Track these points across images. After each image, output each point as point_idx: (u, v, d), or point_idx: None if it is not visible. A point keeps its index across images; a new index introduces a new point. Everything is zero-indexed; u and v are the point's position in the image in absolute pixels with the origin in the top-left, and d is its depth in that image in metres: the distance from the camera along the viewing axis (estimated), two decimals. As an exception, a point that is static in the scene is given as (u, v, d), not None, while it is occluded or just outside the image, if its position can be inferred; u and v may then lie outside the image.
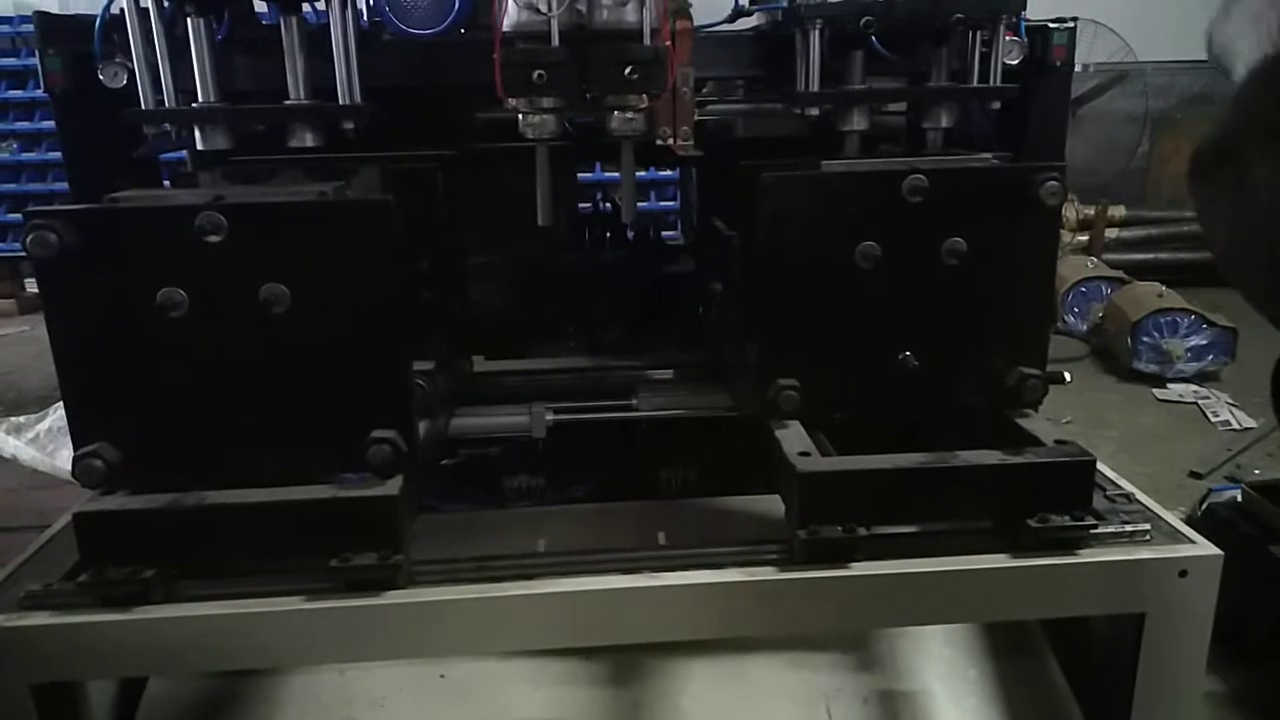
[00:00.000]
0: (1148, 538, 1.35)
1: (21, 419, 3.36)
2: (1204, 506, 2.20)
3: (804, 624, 1.40)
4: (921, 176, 1.32)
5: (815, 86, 1.46)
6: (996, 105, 1.54)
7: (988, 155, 1.44)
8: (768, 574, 1.29)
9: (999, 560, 1.31)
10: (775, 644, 1.63)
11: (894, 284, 1.37)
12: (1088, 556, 1.32)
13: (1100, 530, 1.36)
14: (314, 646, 1.27)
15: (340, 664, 1.58)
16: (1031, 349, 1.42)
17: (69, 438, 1.25)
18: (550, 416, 1.70)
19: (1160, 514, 1.42)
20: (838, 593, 1.30)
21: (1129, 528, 1.36)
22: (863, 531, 1.29)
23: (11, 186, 5.25)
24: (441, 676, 1.60)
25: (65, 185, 1.62)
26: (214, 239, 1.19)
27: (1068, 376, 1.72)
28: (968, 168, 1.40)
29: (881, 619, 1.47)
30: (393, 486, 1.27)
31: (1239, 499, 2.18)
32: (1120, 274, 4.61)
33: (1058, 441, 1.35)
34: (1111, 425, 3.36)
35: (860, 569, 1.29)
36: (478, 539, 1.46)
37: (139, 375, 1.24)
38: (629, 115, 1.41)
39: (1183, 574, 1.31)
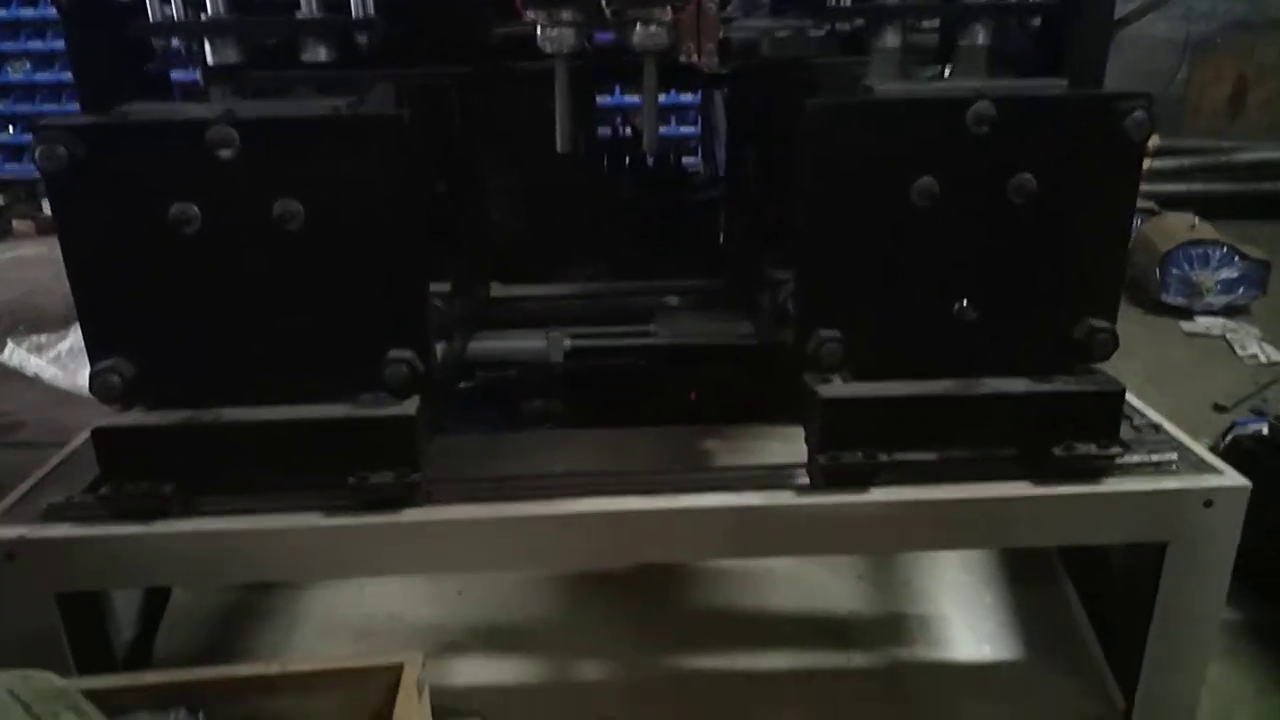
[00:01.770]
0: (1174, 468, 1.33)
1: (43, 338, 3.39)
2: (1228, 439, 2.17)
3: (822, 548, 1.39)
4: (989, 103, 1.20)
5: (847, 0, 1.39)
6: (1036, 22, 1.47)
7: (1060, 81, 1.31)
8: (786, 498, 1.29)
9: (1021, 488, 1.29)
10: (790, 567, 1.64)
11: (952, 225, 1.24)
12: (1113, 486, 1.30)
13: (1126, 460, 1.34)
14: (332, 562, 1.28)
15: (359, 579, 1.60)
16: (1102, 299, 1.29)
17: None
18: (568, 342, 1.68)
19: (1188, 444, 1.39)
20: (856, 518, 1.29)
21: (1155, 457, 1.34)
22: (884, 457, 1.27)
23: (26, 108, 5.21)
24: (459, 593, 1.62)
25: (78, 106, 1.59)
26: (225, 153, 1.17)
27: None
28: (1041, 95, 1.27)
29: (901, 544, 1.47)
30: (410, 406, 1.27)
31: (1265, 432, 2.15)
32: (1151, 205, 4.50)
33: (1087, 370, 1.32)
34: (1136, 357, 3.31)
35: (880, 494, 1.28)
36: (495, 461, 1.46)
37: (153, 291, 1.23)
38: (651, 28, 1.36)
39: (1208, 504, 1.29)
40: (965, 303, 1.28)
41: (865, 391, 1.29)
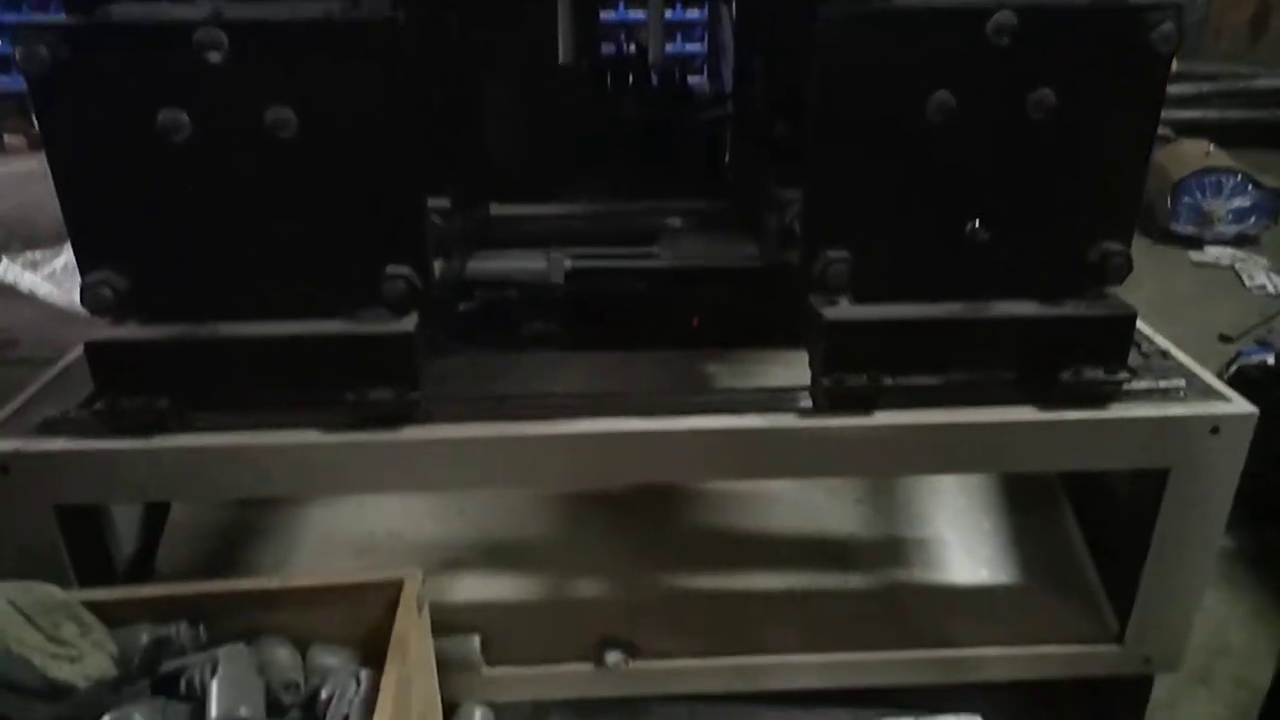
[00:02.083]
0: (1181, 394, 1.32)
1: (37, 255, 3.36)
2: (1233, 369, 2.16)
3: (823, 471, 1.39)
4: (1011, 13, 1.14)
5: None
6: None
7: None
8: (788, 421, 1.27)
9: (1027, 413, 1.28)
10: (788, 491, 1.64)
11: (968, 142, 1.20)
12: (1119, 412, 1.29)
13: (1133, 386, 1.33)
14: (330, 479, 1.27)
15: (359, 497, 1.61)
16: (1118, 221, 1.26)
17: (84, 274, 1.22)
18: (568, 263, 1.65)
19: (1196, 371, 1.38)
20: (859, 441, 1.28)
21: (1163, 384, 1.33)
22: (888, 381, 1.26)
23: (13, 16, 5.08)
24: (460, 512, 1.62)
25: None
26: (213, 56, 1.12)
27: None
28: (1066, 4, 1.20)
29: (904, 468, 1.46)
30: (408, 323, 1.24)
31: (1270, 361, 2.14)
32: (1166, 131, 4.41)
33: (1098, 294, 1.29)
34: (1141, 287, 3.26)
35: (884, 418, 1.27)
36: (494, 381, 1.45)
37: (142, 201, 1.19)
38: (658, -63, 1.29)
39: (1214, 431, 1.28)
40: (978, 223, 1.24)
41: (871, 314, 1.27)
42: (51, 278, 3.28)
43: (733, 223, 1.83)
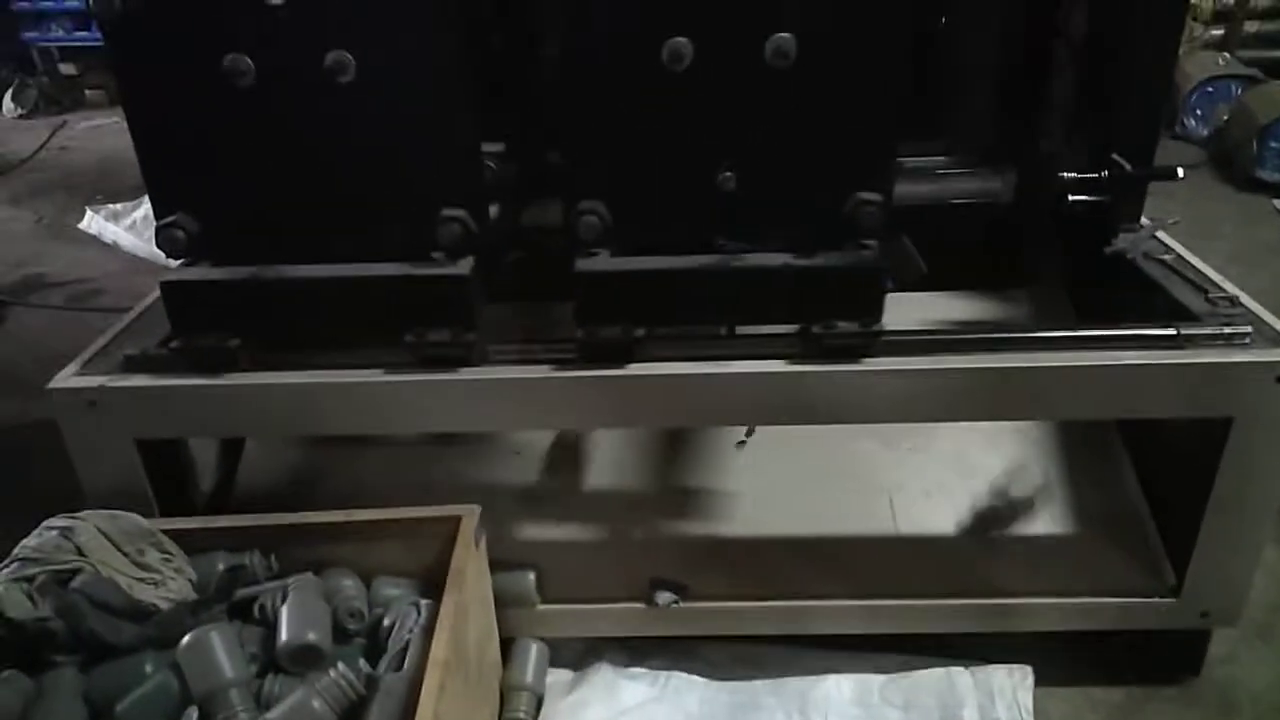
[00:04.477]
0: (1247, 340, 1.28)
1: (119, 206, 3.48)
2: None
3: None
4: None
5: None
6: None
7: None
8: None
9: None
10: (836, 440, 1.64)
11: (711, 91, 1.18)
12: (1173, 358, 1.26)
13: (1195, 332, 1.30)
14: (391, 417, 1.32)
15: (418, 434, 1.65)
16: (873, 170, 1.22)
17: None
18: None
19: (1265, 318, 1.34)
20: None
21: (1227, 330, 1.29)
22: (640, 333, 1.26)
23: (91, -27, 5.20)
24: (516, 454, 1.66)
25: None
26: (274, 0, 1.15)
27: (1180, 172, 1.60)
28: None
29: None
30: (464, 266, 1.27)
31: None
32: (1255, 72, 4.20)
33: (859, 245, 1.25)
34: (1223, 236, 3.16)
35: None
36: (550, 327, 1.48)
37: (211, 146, 1.24)
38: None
39: (1280, 380, 1.25)
40: (729, 174, 1.21)
41: (622, 265, 1.26)
42: (133, 229, 3.40)
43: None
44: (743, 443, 1.59)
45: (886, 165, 1.25)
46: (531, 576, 1.48)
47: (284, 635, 1.17)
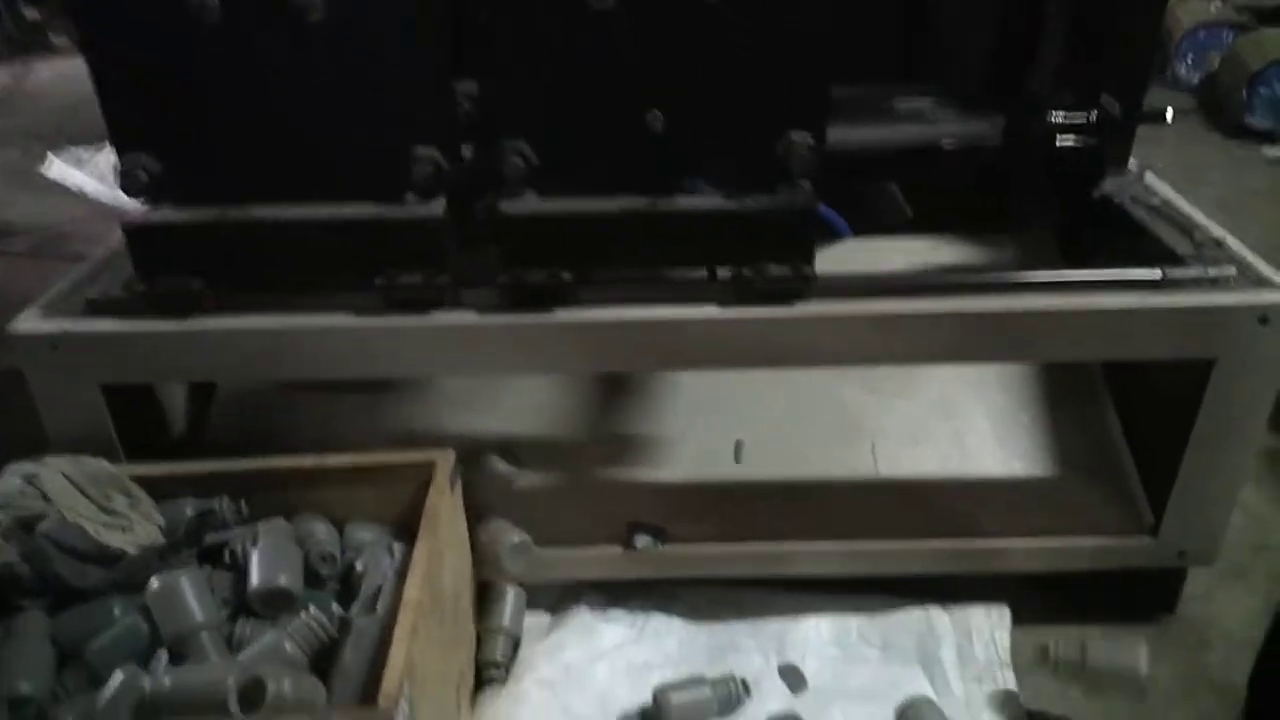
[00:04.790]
0: (1231, 282, 1.27)
1: (83, 152, 3.40)
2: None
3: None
4: None
5: None
6: None
7: None
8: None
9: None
10: (820, 385, 1.63)
11: (637, 26, 1.14)
12: (1158, 301, 1.25)
13: (1179, 274, 1.28)
14: (361, 361, 1.29)
15: (392, 378, 1.63)
16: (805, 109, 1.19)
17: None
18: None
19: (1249, 259, 1.32)
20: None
21: (1212, 272, 1.28)
22: (567, 276, 1.24)
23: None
24: (493, 400, 1.64)
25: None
26: (236, -70, 1.10)
27: (1170, 114, 1.58)
28: None
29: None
30: (436, 207, 1.24)
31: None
32: (1247, 19, 4.15)
33: (792, 186, 1.22)
34: (1210, 184, 3.14)
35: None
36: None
37: (173, 84, 1.19)
38: None
39: (1263, 321, 1.24)
40: (657, 112, 1.18)
41: (549, 208, 1.23)
42: (98, 174, 3.32)
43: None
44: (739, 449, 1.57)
45: (819, 104, 1.21)
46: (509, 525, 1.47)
47: (254, 579, 1.16)
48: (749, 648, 1.47)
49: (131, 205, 1.28)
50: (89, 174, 3.33)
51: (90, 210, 3.17)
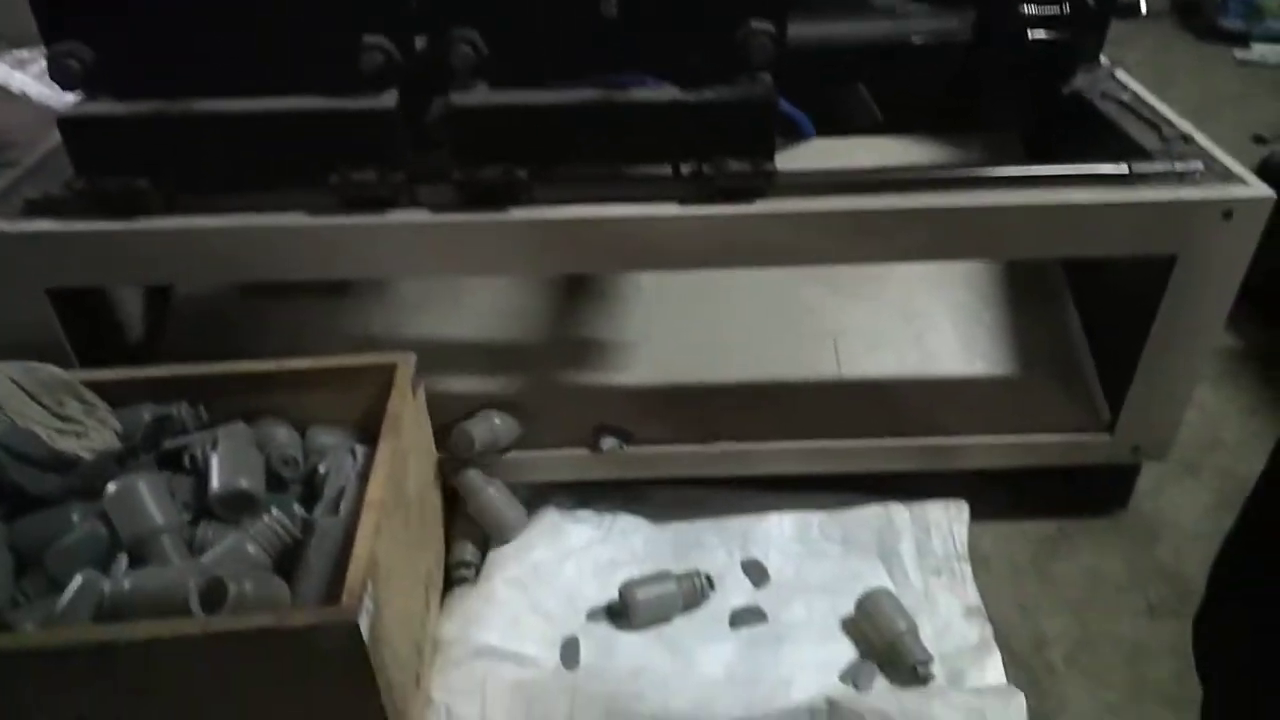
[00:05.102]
0: (1197, 177, 1.26)
1: (25, 53, 3.24)
2: (1261, 162, 2.07)
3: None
4: None
5: None
6: None
7: None
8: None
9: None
10: (783, 287, 1.62)
11: None
12: (1123, 196, 1.24)
13: (1146, 169, 1.27)
14: (316, 262, 1.26)
15: (348, 279, 1.59)
16: None
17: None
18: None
19: (1216, 154, 1.32)
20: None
21: (1179, 166, 1.27)
22: (522, 173, 1.21)
23: None
24: (455, 304, 1.62)
25: None
26: None
27: (1144, 7, 1.55)
28: None
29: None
30: (388, 99, 1.19)
31: (1300, 156, 2.04)
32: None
33: (751, 78, 1.19)
34: (1178, 85, 3.11)
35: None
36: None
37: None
38: None
39: (1227, 215, 1.23)
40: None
41: (501, 100, 1.19)
42: (41, 77, 3.17)
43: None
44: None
45: None
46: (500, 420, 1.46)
47: (215, 482, 1.15)
48: (713, 545, 1.50)
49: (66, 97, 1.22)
50: (32, 76, 3.17)
51: (35, 116, 3.03)
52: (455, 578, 1.44)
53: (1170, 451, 1.49)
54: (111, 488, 1.10)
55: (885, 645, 1.31)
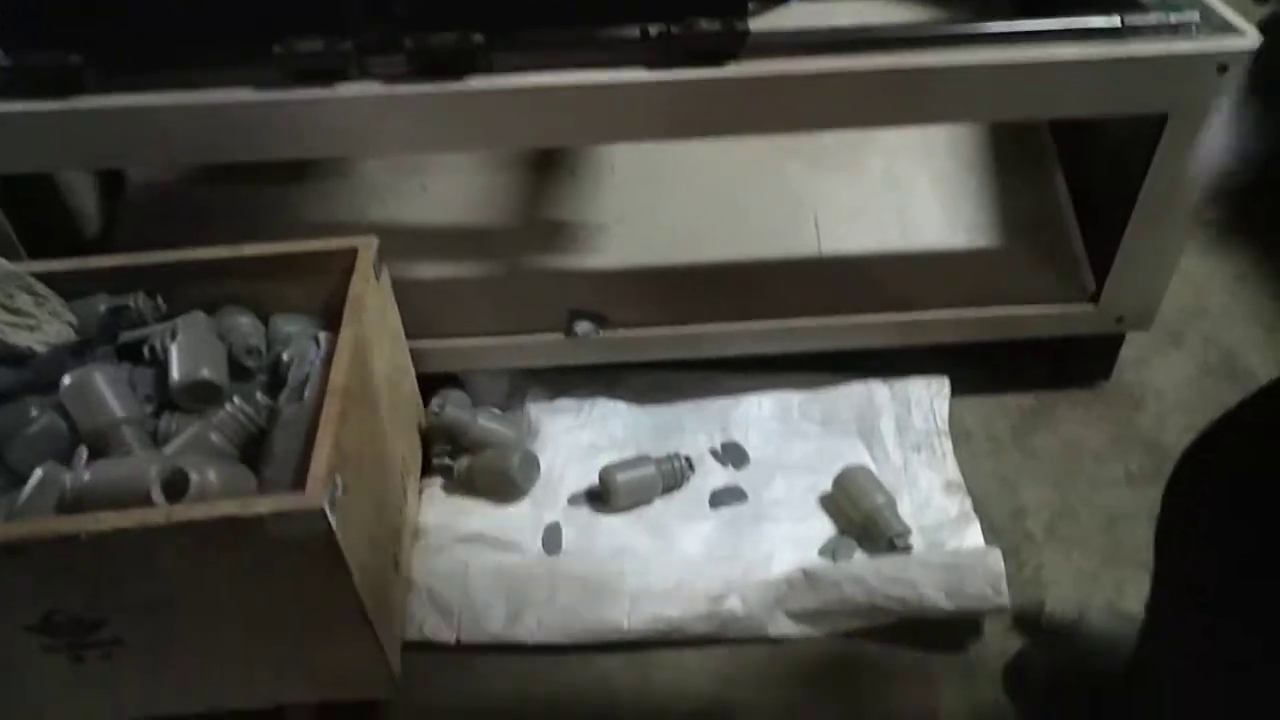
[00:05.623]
0: (1193, 30, 1.20)
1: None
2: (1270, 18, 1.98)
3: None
4: None
5: None
6: None
7: None
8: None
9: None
10: (762, 161, 1.56)
11: None
12: (1115, 50, 1.18)
13: (1139, 21, 1.21)
14: (263, 140, 1.19)
15: (297, 158, 1.52)
16: None
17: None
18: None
19: (1213, 5, 1.24)
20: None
21: (1174, 18, 1.20)
22: (478, 38, 1.13)
23: None
24: (422, 188, 1.56)
25: None
26: None
27: None
28: None
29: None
30: (332, -40, 1.11)
31: (1303, 13, 1.95)
32: None
33: None
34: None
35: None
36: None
37: None
38: None
39: (1222, 69, 1.17)
40: None
41: None
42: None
43: None
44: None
45: None
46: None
47: (176, 373, 1.12)
48: (692, 427, 1.48)
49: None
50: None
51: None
52: (436, 466, 1.43)
53: (1152, 321, 1.47)
54: (67, 380, 1.07)
55: (863, 519, 1.31)
